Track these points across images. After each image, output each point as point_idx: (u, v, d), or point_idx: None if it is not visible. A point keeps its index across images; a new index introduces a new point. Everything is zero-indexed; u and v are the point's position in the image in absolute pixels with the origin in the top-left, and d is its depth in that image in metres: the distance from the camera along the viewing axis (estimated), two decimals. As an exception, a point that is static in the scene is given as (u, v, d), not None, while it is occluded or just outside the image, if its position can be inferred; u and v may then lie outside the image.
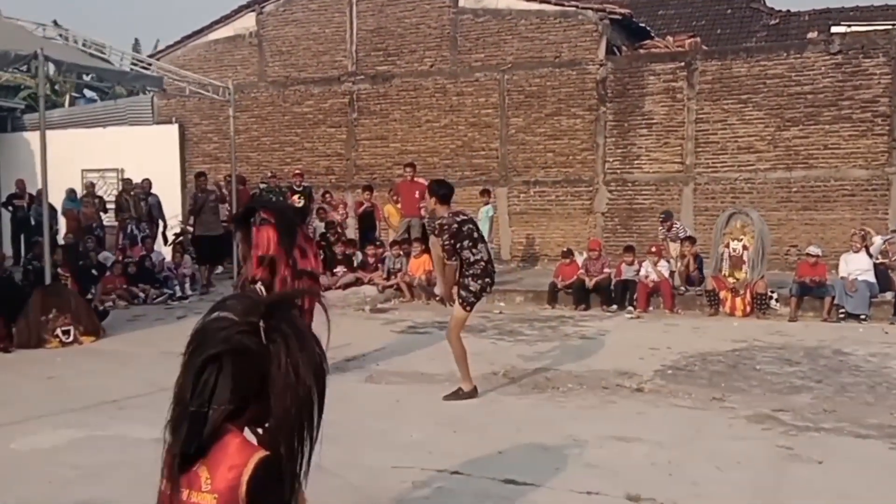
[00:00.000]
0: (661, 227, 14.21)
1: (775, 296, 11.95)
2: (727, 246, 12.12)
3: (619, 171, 16.59)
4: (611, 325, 11.21)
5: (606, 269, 12.68)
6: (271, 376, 2.41)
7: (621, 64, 16.65)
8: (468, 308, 7.19)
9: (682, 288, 12.54)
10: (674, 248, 13.25)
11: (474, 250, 7.12)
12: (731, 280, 11.93)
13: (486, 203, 15.74)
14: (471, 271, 7.10)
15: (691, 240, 13.00)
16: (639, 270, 12.58)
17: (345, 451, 5.26)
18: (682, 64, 16.05)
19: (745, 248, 11.95)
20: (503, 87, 17.32)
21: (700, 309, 12.13)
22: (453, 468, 5.13)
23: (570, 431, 5.95)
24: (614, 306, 12.36)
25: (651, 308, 12.22)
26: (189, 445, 2.18)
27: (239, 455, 2.20)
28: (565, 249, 13.91)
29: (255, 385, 2.38)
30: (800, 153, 15.22)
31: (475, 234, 7.25)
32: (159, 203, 15.98)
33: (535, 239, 17.25)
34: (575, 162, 16.93)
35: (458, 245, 7.06)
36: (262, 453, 2.24)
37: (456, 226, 7.12)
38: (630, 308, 12.21)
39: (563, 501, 4.60)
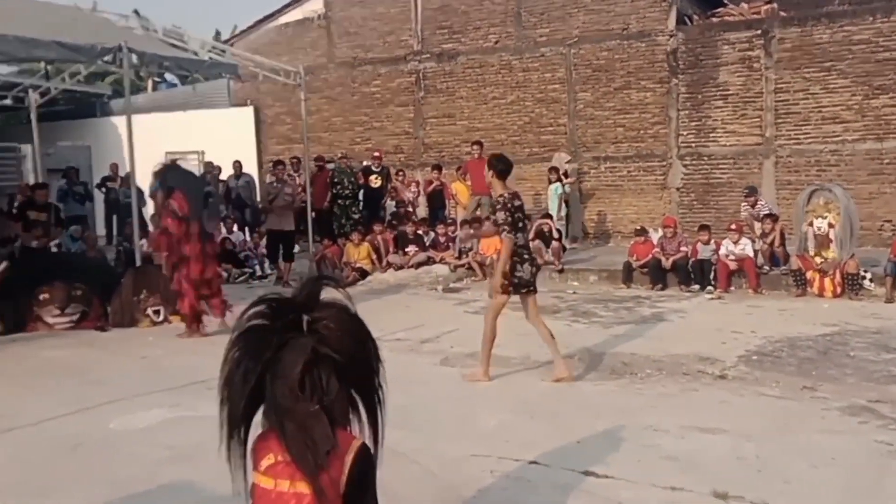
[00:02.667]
0: (744, 203, 13.83)
1: (868, 275, 11.38)
2: (811, 224, 11.65)
3: (693, 144, 16.30)
4: (690, 306, 11.03)
5: (683, 248, 12.46)
6: (338, 360, 2.47)
7: (693, 34, 16.31)
8: (501, 291, 7.15)
9: (766, 267, 12.20)
10: (757, 225, 12.86)
11: (518, 235, 7.07)
12: (817, 260, 11.45)
13: (556, 181, 15.67)
14: (516, 256, 7.07)
15: (774, 216, 12.63)
16: (717, 249, 12.32)
17: (422, 437, 5.35)
18: (759, 32, 15.65)
19: (830, 226, 11.46)
20: (570, 62, 17.15)
21: (786, 289, 11.75)
22: (531, 458, 5.13)
23: (649, 421, 5.88)
24: (695, 286, 12.14)
25: (732, 288, 11.96)
26: (332, 441, 2.26)
27: (340, 441, 2.27)
28: (639, 227, 13.75)
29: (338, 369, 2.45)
30: (891, 122, 14.67)
31: (522, 221, 7.17)
32: (248, 184, 16.28)
33: (606, 216, 17.10)
34: (646, 136, 16.69)
35: (513, 220, 6.99)
36: (360, 440, 2.35)
37: (510, 203, 7.02)
38: (710, 288, 11.97)
39: (646, 497, 4.55)
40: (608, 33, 16.75)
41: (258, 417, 2.30)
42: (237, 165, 16.96)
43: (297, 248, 14.86)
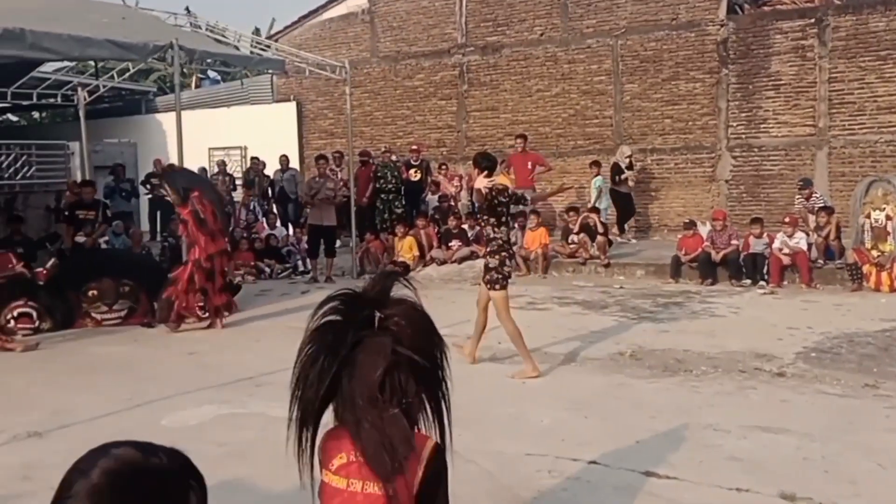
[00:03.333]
0: (798, 196, 13.53)
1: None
2: (868, 216, 11.36)
3: (743, 136, 16.00)
4: (742, 301, 10.81)
5: (734, 241, 12.22)
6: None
7: (744, 23, 15.99)
8: (497, 287, 7.21)
9: (820, 261, 11.91)
10: (811, 218, 12.57)
11: (497, 229, 7.18)
12: (874, 253, 11.18)
13: (597, 174, 15.52)
14: (488, 248, 7.25)
15: (829, 209, 12.34)
16: (769, 243, 12.05)
17: (476, 436, 5.24)
18: (812, 20, 15.29)
19: (888, 218, 11.18)
20: (616, 53, 16.91)
21: (841, 284, 11.49)
22: (589, 458, 5.01)
23: (708, 420, 5.73)
24: (746, 280, 11.90)
25: (785, 283, 11.70)
26: (410, 446, 2.21)
27: (416, 440, 2.23)
28: (687, 220, 13.51)
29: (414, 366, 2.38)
30: (949, 112, 14.21)
31: (504, 216, 7.24)
32: (293, 179, 16.31)
33: (653, 209, 16.85)
34: (695, 128, 16.42)
35: (484, 217, 7.23)
36: (433, 440, 2.29)
37: (495, 198, 7.12)
38: (762, 283, 11.72)
39: (711, 499, 4.41)
40: (656, 23, 16.48)
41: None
42: (284, 160, 17.00)
43: (338, 243, 14.85)
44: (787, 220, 12.12)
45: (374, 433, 2.17)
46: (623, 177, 15.49)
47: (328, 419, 2.26)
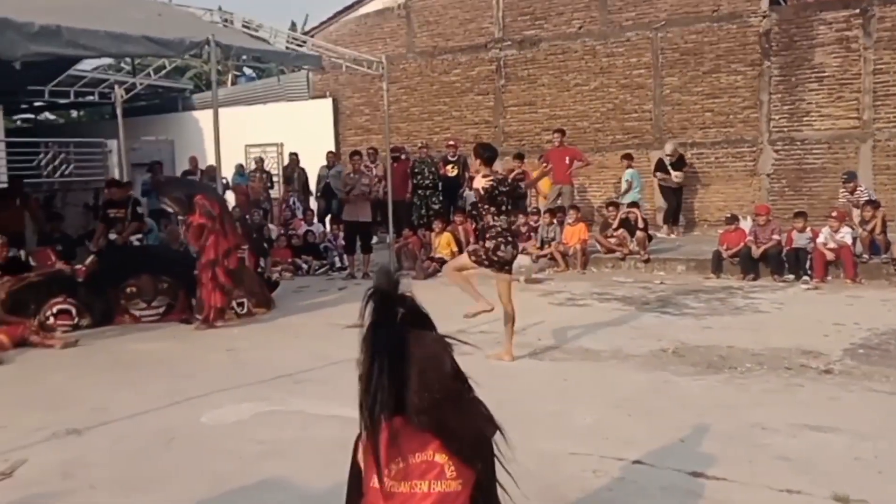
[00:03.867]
0: (842, 190, 13.24)
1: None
2: (915, 210, 11.12)
3: (785, 129, 15.72)
4: (785, 297, 10.59)
5: (776, 236, 11.97)
6: None
7: (787, 14, 15.70)
8: (473, 259, 7.54)
9: (865, 256, 11.64)
10: (856, 212, 12.29)
11: (496, 217, 7.42)
12: (921, 247, 10.86)
13: (628, 167, 15.37)
14: (487, 235, 7.47)
15: (874, 203, 12.05)
16: (813, 237, 11.79)
17: (518, 434, 5.05)
18: (857, 11, 14.97)
19: (936, 212, 10.94)
20: (656, 46, 16.68)
21: (887, 279, 11.24)
22: (634, 457, 4.90)
23: (756, 418, 5.58)
24: (789, 276, 11.67)
25: (829, 278, 11.46)
26: (494, 425, 2.26)
27: None
28: (729, 215, 13.29)
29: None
30: None
31: (504, 206, 7.47)
32: (339, 175, 16.26)
33: (693, 203, 16.60)
34: (736, 121, 16.17)
35: (485, 206, 7.45)
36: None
37: (496, 188, 7.37)
38: (805, 278, 11.49)
39: (761, 500, 4.28)
40: (697, 16, 16.23)
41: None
42: (330, 156, 16.99)
43: (375, 240, 14.80)
44: (833, 214, 11.85)
45: (463, 421, 2.18)
46: (667, 175, 15.32)
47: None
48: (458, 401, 2.21)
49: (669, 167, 15.55)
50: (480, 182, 7.49)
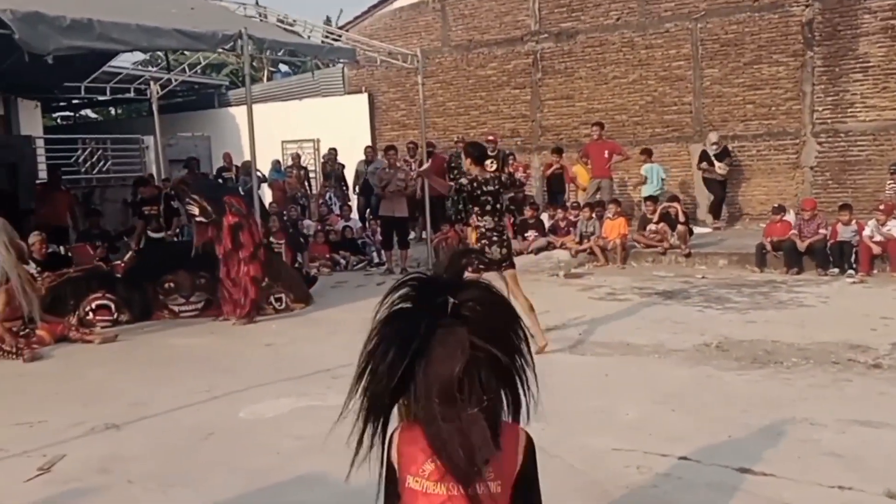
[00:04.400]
0: (890, 182, 12.94)
1: None
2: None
3: (829, 121, 15.38)
4: (831, 290, 10.35)
5: (822, 230, 11.71)
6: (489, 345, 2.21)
7: (831, 3, 15.32)
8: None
9: (912, 249, 11.35)
10: (902, 205, 11.97)
11: (481, 218, 7.54)
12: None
13: (646, 161, 15.15)
14: (485, 238, 7.55)
15: (923, 195, 11.77)
16: (859, 231, 11.51)
17: (560, 430, 5.03)
18: (903, -1, 14.58)
19: None
20: (696, 37, 16.41)
21: (935, 273, 10.92)
22: (679, 453, 4.77)
23: (803, 414, 5.43)
24: (833, 269, 11.41)
25: (875, 272, 11.19)
26: (492, 448, 2.04)
27: (507, 433, 2.09)
28: (776, 205, 13.04)
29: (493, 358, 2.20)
30: None
31: (488, 205, 7.52)
32: (377, 171, 16.21)
33: (734, 197, 16.31)
34: (778, 113, 15.85)
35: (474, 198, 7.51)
36: (523, 427, 2.15)
37: (481, 186, 7.49)
38: (850, 272, 11.22)
39: (812, 497, 4.14)
40: (738, 5, 15.93)
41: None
42: (369, 151, 16.97)
43: (412, 235, 14.75)
44: (881, 207, 11.57)
45: (452, 435, 2.01)
46: (711, 166, 15.09)
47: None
48: (451, 412, 2.03)
49: (713, 158, 15.27)
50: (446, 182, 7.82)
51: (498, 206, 7.66)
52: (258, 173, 12.52)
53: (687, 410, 5.67)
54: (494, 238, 7.53)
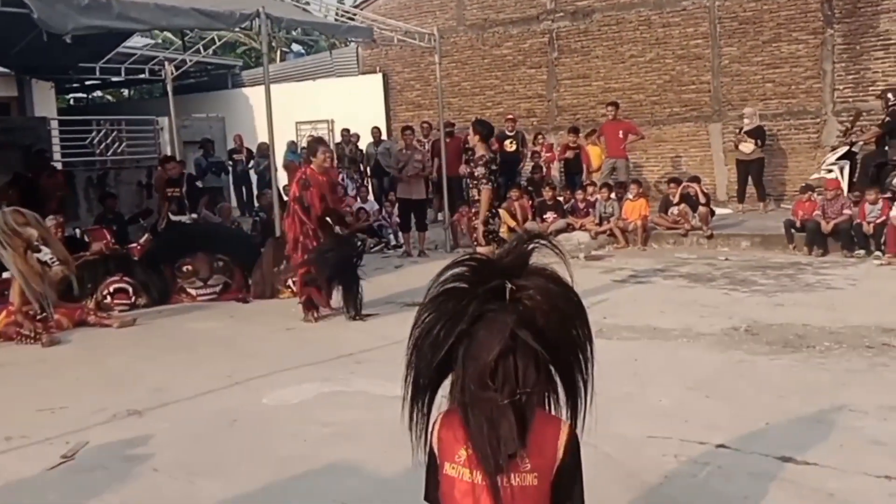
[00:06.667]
0: (915, 162, 12.76)
1: None
2: None
3: (850, 99, 15.15)
4: (858, 272, 10.17)
5: (847, 210, 11.51)
6: (544, 335, 2.15)
7: (851, -21, 15.08)
8: (487, 244, 7.98)
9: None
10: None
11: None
12: None
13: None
14: (473, 210, 8.10)
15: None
16: (885, 211, 11.30)
17: (592, 417, 4.91)
18: (926, -26, 14.31)
19: None
20: (714, 15, 16.17)
21: (963, 254, 10.71)
22: (717, 441, 4.65)
23: (842, 400, 5.29)
24: (860, 251, 11.21)
25: (903, 253, 11.03)
26: (517, 444, 1.99)
27: (548, 427, 2.06)
28: (805, 184, 12.85)
29: (543, 349, 2.13)
30: None
31: (499, 182, 8.28)
32: (388, 151, 16.05)
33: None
34: (798, 92, 15.62)
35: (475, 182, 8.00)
36: (567, 422, 2.12)
37: (492, 163, 8.02)
38: (877, 253, 11.03)
39: (860, 487, 4.00)
40: (756, -18, 15.69)
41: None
42: (376, 132, 16.81)
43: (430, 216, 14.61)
44: (909, 187, 11.38)
45: (482, 425, 1.99)
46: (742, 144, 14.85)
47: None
48: (484, 400, 1.98)
49: (744, 134, 14.89)
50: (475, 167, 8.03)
51: (496, 182, 8.35)
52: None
53: (721, 397, 5.54)
54: (494, 211, 8.24)
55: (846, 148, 13.83)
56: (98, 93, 29.54)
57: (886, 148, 13.29)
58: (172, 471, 4.60)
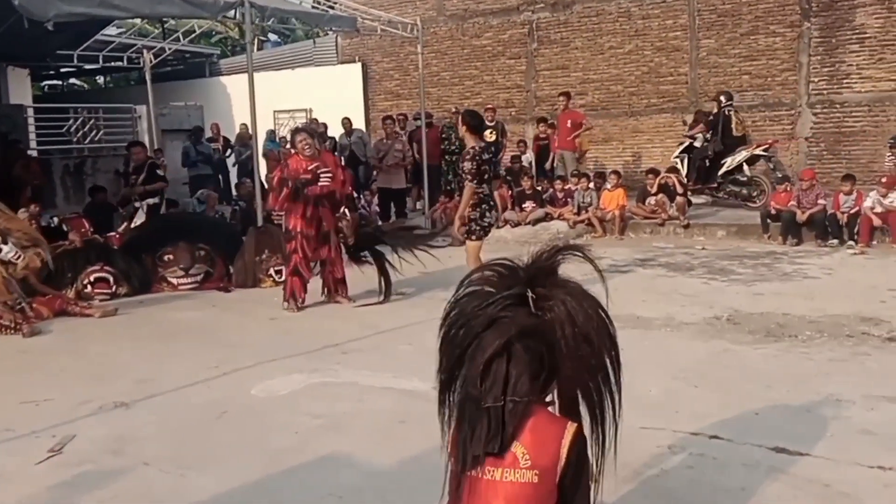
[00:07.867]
0: (889, 154, 12.92)
1: None
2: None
3: (825, 91, 15.34)
4: (833, 262, 10.32)
5: (821, 201, 11.65)
6: (558, 347, 2.19)
7: (827, -26, 15.23)
8: (474, 238, 7.83)
9: (913, 220, 11.32)
10: (898, 176, 11.94)
11: (480, 186, 7.79)
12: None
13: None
14: (485, 204, 7.89)
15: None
16: (858, 201, 11.48)
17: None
18: (901, -31, 14.48)
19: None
20: (693, 8, 16.30)
21: (935, 244, 10.90)
22: (710, 432, 4.69)
23: (828, 389, 5.36)
24: (834, 241, 11.37)
25: (874, 243, 11.19)
26: (493, 445, 2.04)
27: (552, 428, 2.10)
28: (780, 175, 12.98)
29: (549, 360, 2.18)
30: None
31: (487, 174, 7.89)
32: (361, 140, 15.97)
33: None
34: (774, 84, 15.79)
35: (478, 171, 7.73)
36: (575, 423, 2.17)
37: (479, 156, 7.74)
38: (850, 243, 11.20)
39: (853, 477, 4.05)
40: (734, -25, 15.80)
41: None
42: (347, 123, 16.72)
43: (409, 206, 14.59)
44: (883, 179, 11.55)
45: (463, 421, 2.09)
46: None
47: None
48: (472, 400, 2.08)
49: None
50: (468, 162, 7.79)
51: (491, 173, 8.14)
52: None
53: (709, 386, 5.59)
54: (492, 203, 8.05)
55: (688, 142, 14.11)
56: (73, 80, 29.11)
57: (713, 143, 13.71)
58: (163, 464, 4.55)
